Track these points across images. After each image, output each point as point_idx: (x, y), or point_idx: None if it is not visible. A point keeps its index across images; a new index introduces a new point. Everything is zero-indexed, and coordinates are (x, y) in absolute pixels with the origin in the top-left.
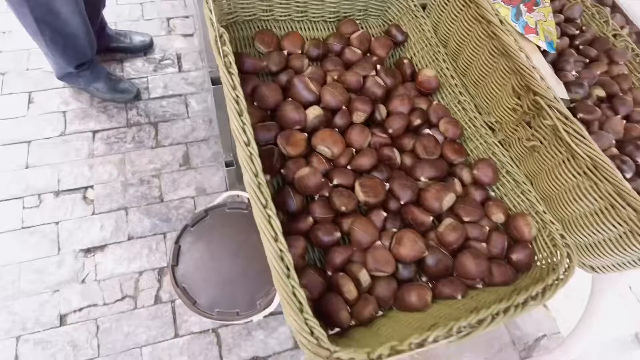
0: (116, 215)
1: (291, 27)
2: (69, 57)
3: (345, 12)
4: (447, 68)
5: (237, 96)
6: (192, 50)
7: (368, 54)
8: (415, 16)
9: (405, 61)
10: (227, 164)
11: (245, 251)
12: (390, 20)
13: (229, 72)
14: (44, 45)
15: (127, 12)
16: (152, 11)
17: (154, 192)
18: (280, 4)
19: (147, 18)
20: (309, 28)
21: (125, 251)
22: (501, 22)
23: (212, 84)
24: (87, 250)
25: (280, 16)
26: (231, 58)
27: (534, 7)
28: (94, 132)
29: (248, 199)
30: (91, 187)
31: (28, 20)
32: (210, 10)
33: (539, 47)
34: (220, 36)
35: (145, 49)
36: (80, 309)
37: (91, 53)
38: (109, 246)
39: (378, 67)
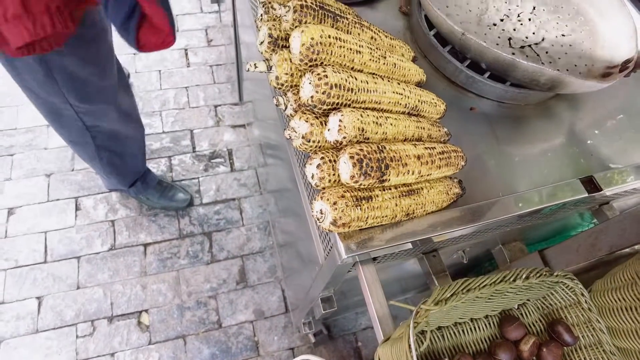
0: (174, 345)
1: (454, 331)
2: (124, 177)
3: (507, 306)
4: None
5: None
6: (244, 145)
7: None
8: (586, 310)
9: None
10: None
11: None
12: (551, 305)
13: None
14: (99, 168)
15: (172, 98)
16: (198, 97)
17: (211, 317)
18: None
19: (193, 105)
20: (470, 330)
21: None
22: None
23: None
24: None
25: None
26: None
27: None
28: (145, 245)
29: None
30: (146, 311)
31: (89, 150)
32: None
33: None
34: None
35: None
36: None
37: (143, 168)
38: None
39: None
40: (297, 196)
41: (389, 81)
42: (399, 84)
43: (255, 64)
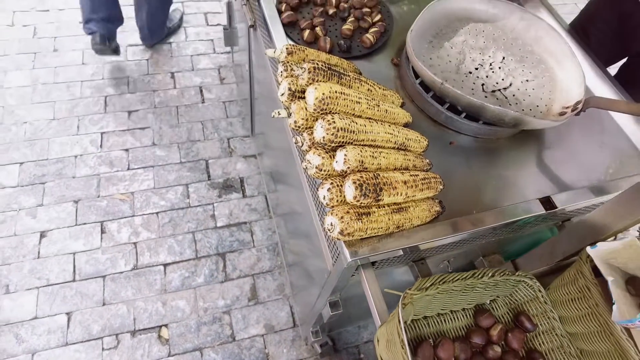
0: (191, 357)
1: (437, 320)
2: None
3: (480, 300)
4: None
5: None
6: (254, 173)
7: (503, 343)
8: (542, 302)
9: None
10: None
11: None
12: (516, 300)
13: None
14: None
15: (189, 131)
16: (212, 130)
17: (225, 331)
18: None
19: (208, 138)
20: (450, 319)
21: None
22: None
23: None
24: None
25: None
26: None
27: None
28: (165, 265)
29: None
30: (165, 325)
31: None
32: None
33: None
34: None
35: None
36: None
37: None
38: None
39: None
40: (307, 216)
41: (382, 124)
42: (389, 125)
43: (279, 112)
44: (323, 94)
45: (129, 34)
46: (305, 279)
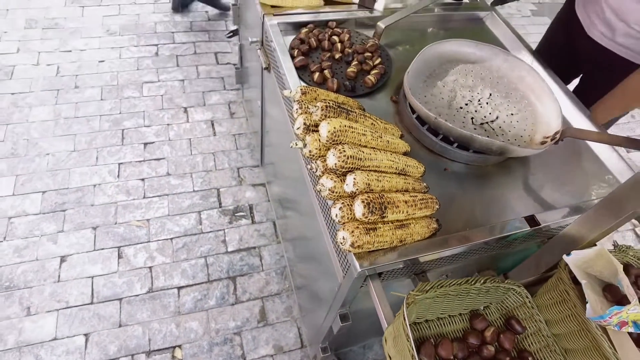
0: None
1: (437, 324)
2: None
3: (474, 306)
4: None
5: None
6: (263, 200)
7: (496, 344)
8: (529, 307)
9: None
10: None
11: None
12: (507, 307)
13: None
14: None
15: (201, 162)
16: (223, 161)
17: (236, 351)
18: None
19: (218, 168)
20: (449, 323)
21: None
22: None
23: None
24: None
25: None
26: None
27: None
28: (179, 288)
29: None
30: (179, 346)
31: None
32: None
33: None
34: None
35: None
36: None
37: None
38: None
39: None
40: (317, 237)
41: (384, 152)
42: (391, 154)
43: (296, 143)
44: (334, 127)
45: (145, 71)
46: (314, 299)
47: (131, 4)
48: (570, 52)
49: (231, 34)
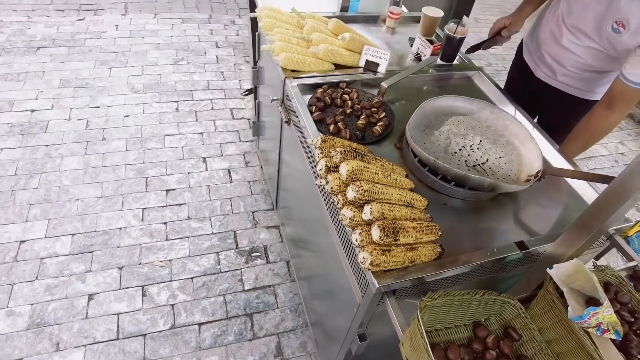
0: None
1: (446, 332)
2: None
3: (477, 317)
4: None
5: None
6: (276, 242)
7: (497, 350)
8: (524, 318)
9: None
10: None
11: None
12: (505, 318)
13: None
14: None
15: (219, 206)
16: (239, 205)
17: None
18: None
19: (235, 212)
20: (455, 332)
21: None
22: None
23: None
24: None
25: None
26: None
27: (600, 319)
28: (200, 324)
29: None
30: None
31: None
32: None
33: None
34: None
35: None
36: None
37: None
38: None
39: None
40: (333, 265)
41: (393, 188)
42: (399, 189)
43: (320, 181)
44: (352, 167)
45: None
46: (328, 332)
47: (153, 65)
48: (526, 92)
49: (247, 92)
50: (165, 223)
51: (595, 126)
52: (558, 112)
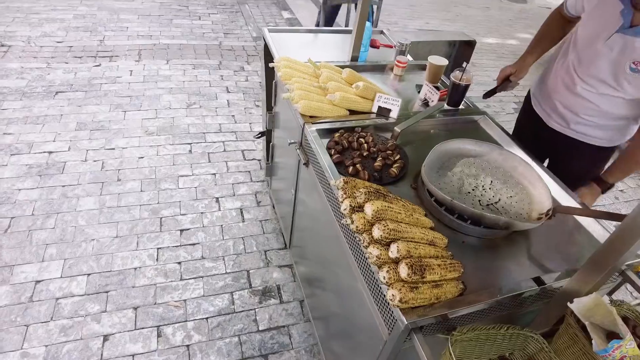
0: None
1: None
2: None
3: (501, 352)
4: None
5: None
6: (289, 281)
7: None
8: (547, 352)
9: None
10: None
11: None
12: (529, 352)
13: None
14: None
15: (232, 246)
16: (252, 245)
17: None
18: None
19: (248, 251)
20: None
21: None
22: None
23: None
24: None
25: None
26: None
27: (624, 352)
28: None
29: None
30: None
31: None
32: None
33: None
34: None
35: None
36: None
37: None
38: None
39: None
40: (353, 303)
41: (416, 227)
42: (421, 228)
43: (346, 220)
44: (377, 207)
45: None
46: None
47: (166, 109)
48: (535, 140)
49: (260, 135)
50: (179, 263)
51: None
52: (574, 158)
